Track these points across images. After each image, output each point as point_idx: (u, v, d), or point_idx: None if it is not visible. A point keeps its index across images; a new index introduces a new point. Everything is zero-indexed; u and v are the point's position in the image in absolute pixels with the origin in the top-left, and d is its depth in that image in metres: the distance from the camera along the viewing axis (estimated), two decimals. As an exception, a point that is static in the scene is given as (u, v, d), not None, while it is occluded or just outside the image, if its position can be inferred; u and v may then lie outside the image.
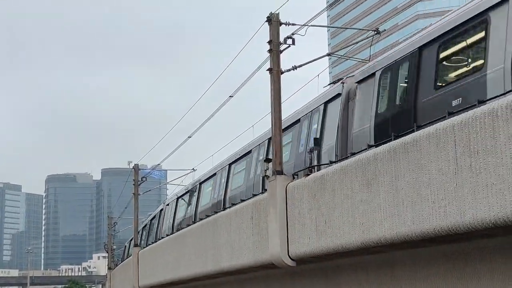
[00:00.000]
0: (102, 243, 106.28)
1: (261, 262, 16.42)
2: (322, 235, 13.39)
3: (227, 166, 26.89)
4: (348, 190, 12.44)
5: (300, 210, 14.42)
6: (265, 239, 16.02)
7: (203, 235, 21.72)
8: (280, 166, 15.94)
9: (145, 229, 43.97)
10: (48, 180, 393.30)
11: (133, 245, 37.08)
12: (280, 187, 15.27)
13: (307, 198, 14.18)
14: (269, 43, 16.51)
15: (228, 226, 18.93)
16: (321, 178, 13.61)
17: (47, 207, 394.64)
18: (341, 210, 12.67)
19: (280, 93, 16.28)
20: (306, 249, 14.16)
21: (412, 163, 10.52)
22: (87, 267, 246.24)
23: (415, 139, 10.50)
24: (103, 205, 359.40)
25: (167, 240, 28.16)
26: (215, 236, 20.16)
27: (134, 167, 39.39)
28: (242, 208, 18.07)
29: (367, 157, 11.87)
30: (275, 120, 16.21)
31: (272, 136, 16.43)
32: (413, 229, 10.48)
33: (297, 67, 17.03)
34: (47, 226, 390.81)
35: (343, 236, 12.59)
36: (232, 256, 18.56)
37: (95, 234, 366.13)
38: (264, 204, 16.16)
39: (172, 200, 35.49)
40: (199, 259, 21.94)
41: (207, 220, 21.89)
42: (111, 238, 62.51)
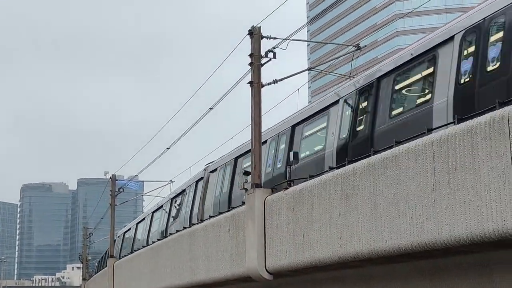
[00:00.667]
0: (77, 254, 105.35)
1: (238, 275, 16.37)
2: (300, 248, 13.38)
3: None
4: (326, 204, 12.46)
5: (278, 223, 14.42)
6: (242, 252, 15.98)
7: (179, 247, 21.62)
8: (259, 179, 15.95)
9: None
10: (23, 189, 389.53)
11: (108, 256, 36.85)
12: (258, 200, 15.26)
13: (285, 212, 14.18)
14: (250, 56, 16.56)
15: (205, 238, 18.86)
16: (300, 192, 13.62)
17: (21, 216, 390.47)
18: (319, 224, 12.68)
19: (261, 106, 16.31)
20: (283, 263, 14.14)
21: (391, 178, 10.58)
22: (61, 278, 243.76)
23: (394, 155, 10.57)
24: (78, 215, 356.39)
25: (143, 251, 27.99)
26: (192, 248, 20.08)
27: (111, 178, 39.19)
28: (220, 220, 18.02)
29: (346, 171, 11.92)
30: (255, 133, 16.23)
31: (252, 148, 16.43)
32: (391, 244, 10.51)
33: (277, 81, 17.09)
34: (21, 235, 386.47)
35: (320, 250, 12.59)
36: (209, 268, 18.48)
37: (69, 245, 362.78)
38: (242, 217, 16.14)
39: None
40: (175, 271, 21.82)
41: (183, 232, 21.80)
42: (86, 249, 62.04)
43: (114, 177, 39.08)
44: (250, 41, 16.57)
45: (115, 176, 39.22)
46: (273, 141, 19.54)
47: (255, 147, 16.23)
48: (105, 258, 46.95)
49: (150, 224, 33.69)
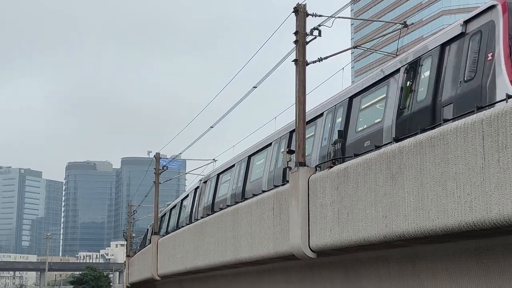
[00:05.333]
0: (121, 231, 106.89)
1: (281, 253, 16.40)
2: (344, 227, 13.34)
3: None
4: (371, 183, 12.37)
5: (323, 202, 14.38)
6: (286, 230, 15.99)
7: (223, 225, 21.73)
8: (303, 158, 15.90)
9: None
10: (68, 167, 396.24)
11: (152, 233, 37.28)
12: (302, 179, 15.23)
13: (329, 190, 14.13)
14: (295, 34, 16.45)
15: (249, 217, 18.92)
16: (345, 170, 13.55)
17: (66, 194, 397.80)
18: (364, 203, 12.61)
19: (305, 84, 16.22)
20: (327, 241, 14.12)
21: (438, 157, 10.44)
22: (105, 254, 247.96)
23: (442, 133, 10.41)
24: (122, 193, 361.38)
25: (187, 229, 28.23)
26: (235, 226, 20.17)
27: (155, 156, 39.54)
28: (264, 199, 18.05)
29: (392, 150, 11.80)
30: (299, 112, 16.16)
31: (296, 127, 16.38)
32: (437, 224, 10.40)
33: (322, 59, 16.96)
34: (66, 213, 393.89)
35: (365, 229, 12.53)
36: (252, 247, 18.56)
37: (113, 222, 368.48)
38: (286, 196, 16.13)
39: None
40: (218, 249, 21.97)
41: (227, 210, 21.90)
42: (130, 226, 62.88)
43: (158, 155, 39.44)
44: (295, 18, 16.45)
45: (159, 154, 39.57)
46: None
47: (299, 126, 16.18)
48: (148, 235, 47.56)
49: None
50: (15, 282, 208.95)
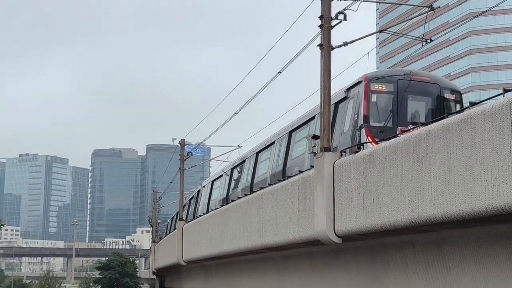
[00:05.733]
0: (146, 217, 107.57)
1: (307, 238, 16.40)
2: (370, 212, 13.29)
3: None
4: (397, 168, 12.30)
5: (348, 187, 14.33)
6: (311, 216, 15.98)
7: (247, 211, 21.78)
8: (327, 143, 15.84)
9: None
10: (94, 154, 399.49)
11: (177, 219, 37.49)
12: (327, 164, 15.18)
13: (355, 175, 14.07)
14: (320, 19, 16.34)
15: (274, 202, 18.93)
16: (370, 155, 13.48)
17: (92, 181, 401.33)
18: (390, 188, 12.54)
19: (330, 69, 16.12)
20: (352, 226, 14.08)
21: (466, 141, 10.34)
22: (130, 241, 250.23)
23: (470, 117, 10.31)
24: (147, 180, 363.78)
25: (212, 214, 28.34)
26: (260, 211, 20.20)
27: (180, 142, 39.69)
28: (289, 184, 18.04)
29: (419, 134, 11.71)
30: (324, 97, 16.09)
31: (321, 113, 16.32)
32: (465, 208, 10.32)
33: (347, 43, 16.83)
34: (92, 199, 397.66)
35: (391, 214, 12.47)
36: (277, 232, 18.58)
37: (139, 209, 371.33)
38: (311, 181, 16.10)
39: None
40: (243, 234, 22.03)
41: (252, 196, 21.93)
42: (155, 212, 63.28)
43: (183, 141, 39.59)
44: (321, 2, 16.34)
45: (184, 140, 39.72)
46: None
47: (324, 111, 16.11)
48: (174, 221, 47.85)
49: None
50: (42, 268, 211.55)
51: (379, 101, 18.21)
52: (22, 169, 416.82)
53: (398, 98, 18.18)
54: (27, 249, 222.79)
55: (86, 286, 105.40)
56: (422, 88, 18.42)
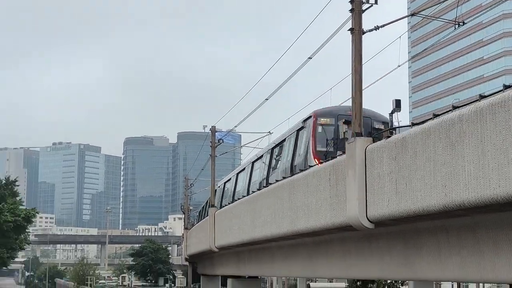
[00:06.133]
0: (178, 205, 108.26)
1: (339, 224, 16.37)
2: (402, 197, 13.21)
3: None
4: (430, 152, 12.19)
5: (380, 172, 14.25)
6: (343, 201, 15.94)
7: (279, 197, 21.79)
8: (359, 128, 15.77)
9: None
10: (126, 142, 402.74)
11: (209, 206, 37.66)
12: (359, 149, 15.10)
13: (387, 160, 13.99)
14: (351, 3, 16.22)
15: (305, 188, 18.91)
16: (402, 140, 13.38)
17: (125, 168, 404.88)
18: (423, 173, 12.44)
19: (361, 53, 16.02)
20: (385, 212, 14.01)
21: (500, 124, 10.20)
22: (163, 227, 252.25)
23: (503, 100, 10.17)
24: (178, 167, 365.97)
25: (243, 201, 28.42)
26: (291, 197, 20.20)
27: (211, 129, 39.80)
28: (320, 170, 18.00)
29: (452, 118, 11.58)
30: (355, 81, 15.99)
31: (352, 97, 16.23)
32: (499, 192, 10.20)
33: (379, 27, 16.68)
34: (125, 187, 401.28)
35: (424, 199, 12.38)
36: (308, 218, 18.56)
37: (171, 196, 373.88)
38: (342, 166, 16.05)
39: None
40: (274, 221, 22.05)
41: (283, 182, 21.93)
42: (187, 199, 63.67)
43: (214, 128, 39.69)
44: (351, -14, 16.21)
45: (215, 127, 39.81)
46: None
47: (356, 96, 16.02)
48: (205, 208, 48.10)
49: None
50: (77, 255, 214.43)
51: (323, 132, 23.34)
52: (55, 158, 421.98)
53: (338, 129, 22.92)
54: (61, 237, 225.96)
55: (120, 272, 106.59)
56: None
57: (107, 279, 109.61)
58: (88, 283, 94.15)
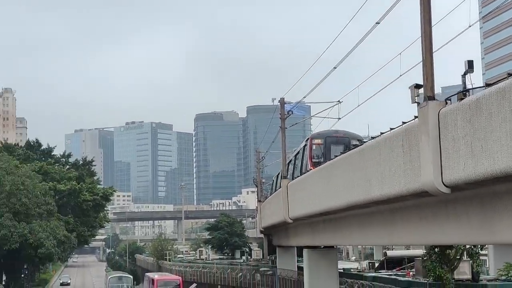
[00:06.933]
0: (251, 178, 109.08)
1: (414, 190, 16.15)
2: (478, 160, 12.91)
3: None
4: (506, 112, 11.85)
5: (454, 136, 13.95)
6: (417, 167, 15.70)
7: (351, 166, 21.65)
8: (431, 92, 15.44)
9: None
10: (196, 118, 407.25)
11: (281, 178, 37.76)
12: (432, 113, 14.81)
13: (461, 123, 13.67)
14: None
15: (377, 156, 18.71)
16: (477, 101, 13.04)
17: (197, 144, 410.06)
18: (499, 134, 12.12)
19: (430, 16, 15.62)
20: (461, 176, 13.73)
21: None
22: (237, 201, 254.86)
23: None
24: (249, 141, 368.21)
25: (315, 171, 28.38)
26: (364, 165, 20.03)
27: (280, 101, 39.73)
28: (392, 136, 17.77)
29: (528, 76, 11.20)
30: (425, 44, 15.63)
31: (423, 60, 15.88)
32: None
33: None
34: (197, 163, 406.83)
35: (502, 161, 12.07)
36: (382, 185, 18.39)
37: (243, 170, 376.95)
38: (415, 131, 15.79)
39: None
40: (348, 189, 21.95)
41: (354, 151, 21.77)
42: (259, 172, 63.98)
43: (282, 100, 39.59)
44: None
45: (283, 99, 39.71)
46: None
47: (426, 59, 15.67)
48: (278, 180, 48.25)
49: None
50: (154, 231, 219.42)
51: (316, 149, 33.24)
52: (129, 137, 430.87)
53: (326, 146, 32.95)
54: (139, 214, 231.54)
55: (197, 246, 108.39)
56: (339, 140, 33.14)
57: (185, 253, 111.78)
58: (166, 258, 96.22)
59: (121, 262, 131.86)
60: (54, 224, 66.37)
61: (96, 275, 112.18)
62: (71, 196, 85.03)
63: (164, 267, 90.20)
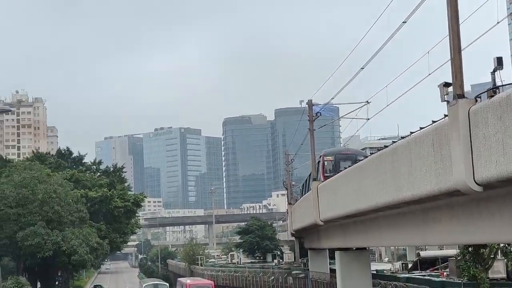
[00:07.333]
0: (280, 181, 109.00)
1: (445, 189, 16.01)
2: (511, 158, 12.76)
3: None
4: (538, 109, 11.70)
5: (485, 133, 13.81)
6: (448, 166, 15.57)
7: (381, 166, 21.53)
8: (461, 90, 15.30)
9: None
10: (225, 123, 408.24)
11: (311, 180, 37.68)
12: (462, 111, 14.68)
13: (492, 121, 13.53)
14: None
15: (408, 155, 18.59)
16: (507, 98, 12.90)
17: (225, 149, 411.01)
18: (531, 130, 11.96)
19: (458, 14, 15.48)
20: (493, 174, 13.59)
21: None
22: (267, 205, 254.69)
23: None
24: (278, 144, 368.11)
25: (345, 173, 28.28)
26: (394, 166, 19.91)
27: (307, 103, 39.68)
28: (422, 135, 17.64)
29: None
30: (453, 42, 15.49)
31: (451, 58, 15.74)
32: None
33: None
34: (227, 167, 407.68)
35: (534, 158, 11.91)
36: (413, 185, 18.27)
37: (272, 173, 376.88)
38: (445, 130, 15.66)
39: None
40: (378, 190, 21.83)
41: (385, 151, 21.65)
42: (289, 175, 63.92)
43: (310, 102, 39.54)
44: None
45: (311, 101, 39.64)
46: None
47: (455, 56, 15.53)
48: (308, 182, 48.16)
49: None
50: (186, 236, 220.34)
51: (328, 164, 38.19)
52: (158, 143, 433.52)
53: (335, 162, 38.05)
54: (169, 219, 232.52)
55: (228, 251, 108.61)
56: (347, 157, 38.22)
57: (216, 257, 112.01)
58: (198, 263, 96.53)
59: (153, 268, 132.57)
60: (86, 231, 67.01)
61: (129, 281, 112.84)
62: (102, 203, 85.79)
63: (196, 272, 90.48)
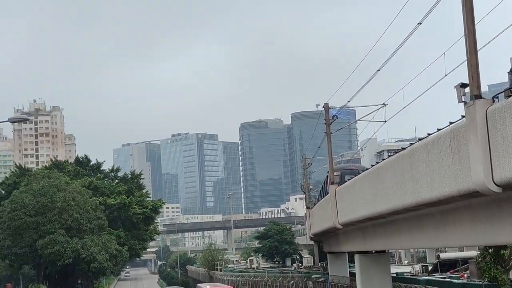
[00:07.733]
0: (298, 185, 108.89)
1: (464, 190, 15.91)
2: (530, 158, 12.65)
3: None
4: (557, 108, 11.59)
5: (503, 134, 13.71)
6: (466, 167, 15.47)
7: (399, 168, 21.43)
8: (478, 90, 15.20)
9: None
10: (241, 127, 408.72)
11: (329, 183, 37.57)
12: (479, 112, 14.59)
13: (510, 121, 13.44)
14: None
15: (426, 157, 18.50)
16: (525, 98, 12.79)
17: (243, 153, 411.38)
18: (550, 130, 11.86)
19: (473, 13, 15.39)
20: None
21: None
22: (285, 209, 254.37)
23: None
24: (295, 148, 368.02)
25: (363, 175, 28.18)
26: (412, 167, 19.82)
27: (324, 107, 39.61)
28: (440, 137, 17.55)
29: None
30: (469, 42, 15.40)
31: (468, 59, 15.65)
32: None
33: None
34: (244, 172, 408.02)
35: (554, 157, 11.80)
36: (432, 187, 18.16)
37: (290, 177, 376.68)
38: (463, 131, 15.56)
39: None
40: (397, 192, 21.73)
41: (403, 153, 21.55)
42: (307, 179, 63.84)
43: (327, 105, 39.47)
44: None
45: (328, 104, 39.58)
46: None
47: (471, 57, 15.44)
48: (326, 186, 48.07)
49: None
50: (204, 241, 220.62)
51: (336, 178, 38.50)
52: (176, 149, 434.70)
53: (341, 176, 39.98)
54: (188, 225, 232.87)
55: (247, 255, 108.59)
56: (351, 171, 40.44)
57: (235, 262, 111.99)
58: (217, 268, 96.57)
59: (173, 274, 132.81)
60: (105, 239, 67.32)
61: (148, 287, 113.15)
62: (121, 210, 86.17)
63: (216, 277, 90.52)
